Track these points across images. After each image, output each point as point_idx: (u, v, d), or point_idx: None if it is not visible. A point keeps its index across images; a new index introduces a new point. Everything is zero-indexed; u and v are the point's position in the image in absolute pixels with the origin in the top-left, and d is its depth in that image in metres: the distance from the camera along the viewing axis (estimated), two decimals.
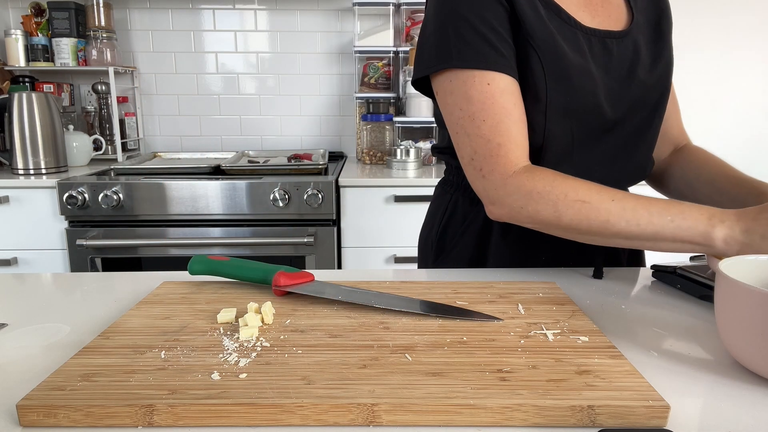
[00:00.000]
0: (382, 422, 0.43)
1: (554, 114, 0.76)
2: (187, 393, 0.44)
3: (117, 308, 0.67)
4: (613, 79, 0.79)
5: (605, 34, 0.79)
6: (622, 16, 0.83)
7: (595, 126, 0.80)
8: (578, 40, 0.77)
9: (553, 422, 0.43)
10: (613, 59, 0.79)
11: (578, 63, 0.76)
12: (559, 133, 0.78)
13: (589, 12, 0.80)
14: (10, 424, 0.43)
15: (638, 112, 0.83)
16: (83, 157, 2.12)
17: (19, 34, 2.13)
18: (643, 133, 0.86)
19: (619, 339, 0.58)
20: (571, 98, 0.76)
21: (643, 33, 0.83)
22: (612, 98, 0.79)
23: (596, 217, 0.68)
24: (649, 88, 0.82)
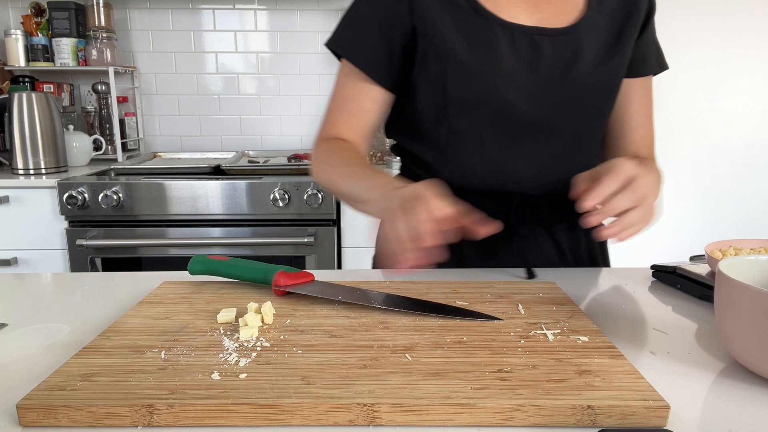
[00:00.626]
0: (382, 422, 0.43)
1: (456, 109, 0.78)
2: (187, 393, 0.44)
3: (117, 308, 0.67)
4: (541, 79, 0.77)
5: (536, 31, 0.77)
6: (573, 14, 0.79)
7: (513, 128, 0.79)
8: (494, 36, 0.76)
9: (553, 422, 0.43)
10: (543, 58, 0.77)
11: (483, 57, 0.75)
12: (464, 129, 0.79)
13: (527, 8, 0.78)
14: (10, 424, 0.43)
15: (574, 114, 0.80)
16: (83, 157, 2.11)
17: (19, 34, 2.13)
18: (583, 138, 0.83)
19: (619, 339, 0.58)
20: (472, 92, 0.77)
21: (598, 33, 0.79)
22: (535, 98, 0.78)
23: (331, 179, 0.78)
24: (588, 90, 0.79)
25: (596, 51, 0.79)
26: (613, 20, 0.80)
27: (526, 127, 0.79)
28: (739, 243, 0.74)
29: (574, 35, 0.78)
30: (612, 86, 0.82)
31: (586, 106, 0.81)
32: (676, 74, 2.33)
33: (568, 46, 0.78)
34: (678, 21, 2.29)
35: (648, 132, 0.88)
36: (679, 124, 2.37)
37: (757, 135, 2.38)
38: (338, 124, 0.83)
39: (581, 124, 0.82)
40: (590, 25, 0.79)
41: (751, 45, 2.31)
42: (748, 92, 2.35)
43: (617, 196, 0.62)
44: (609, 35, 0.80)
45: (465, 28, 0.76)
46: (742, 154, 2.40)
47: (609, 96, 0.83)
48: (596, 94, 0.81)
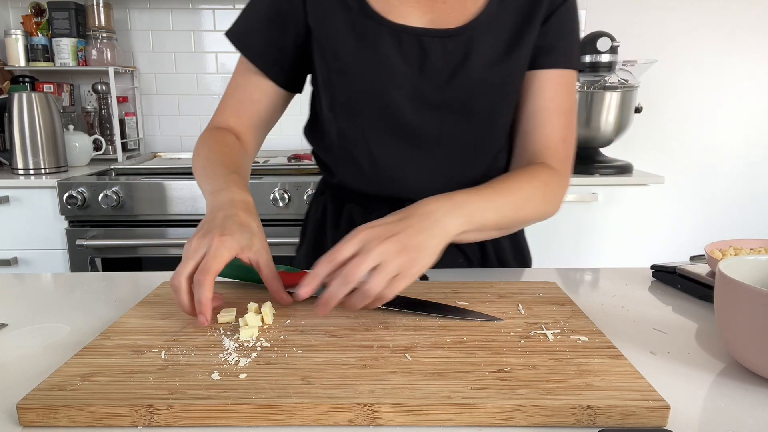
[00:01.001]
0: (382, 422, 0.43)
1: (342, 108, 0.79)
2: (187, 393, 0.44)
3: (117, 308, 0.67)
4: (428, 81, 0.75)
5: (425, 32, 0.74)
6: (470, 13, 0.75)
7: (396, 129, 0.77)
8: (380, 37, 0.74)
9: (553, 422, 0.43)
10: (430, 59, 0.75)
11: (368, 59, 0.75)
12: (350, 130, 0.79)
13: (420, 8, 0.75)
14: (10, 424, 0.43)
15: (464, 118, 0.77)
16: (83, 157, 2.11)
17: (19, 34, 2.13)
18: (477, 144, 0.80)
19: (619, 339, 0.58)
20: (355, 93, 0.77)
21: (495, 31, 0.75)
22: (421, 101, 0.76)
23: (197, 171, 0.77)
24: (479, 92, 0.76)
25: (491, 50, 0.75)
26: (516, 17, 0.76)
27: (413, 131, 0.77)
28: (739, 243, 0.74)
29: (466, 35, 0.74)
30: (507, 87, 0.78)
31: (477, 110, 0.77)
32: (677, 74, 2.33)
33: (459, 48, 0.74)
34: (678, 21, 2.29)
35: (555, 131, 0.79)
36: (679, 124, 2.37)
37: (758, 135, 2.38)
38: (227, 112, 0.83)
39: (472, 129, 0.79)
40: (487, 23, 0.75)
41: (752, 45, 2.31)
42: (748, 92, 2.35)
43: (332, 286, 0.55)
44: (509, 32, 0.76)
45: (353, 29, 0.75)
46: (742, 154, 2.40)
47: (503, 97, 0.78)
48: (489, 96, 0.77)
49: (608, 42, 1.86)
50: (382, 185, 0.82)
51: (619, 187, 1.85)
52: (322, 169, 0.90)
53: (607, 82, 1.86)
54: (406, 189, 0.81)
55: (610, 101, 1.86)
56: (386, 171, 0.80)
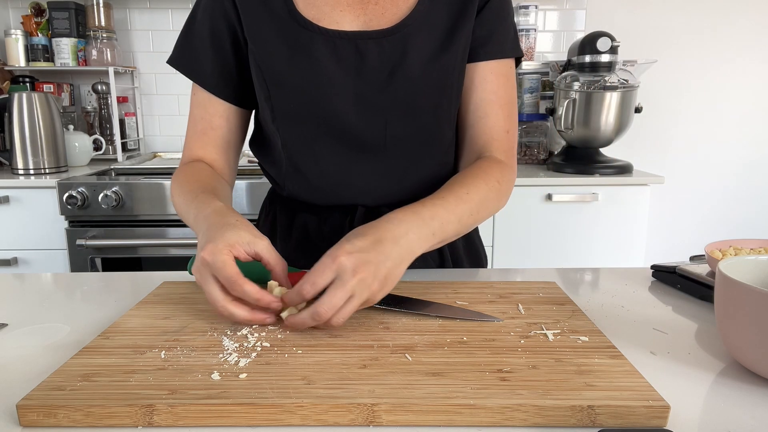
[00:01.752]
0: (382, 422, 0.43)
1: (283, 120, 0.78)
2: (187, 393, 0.44)
3: (117, 308, 0.67)
4: (367, 84, 0.74)
5: (358, 35, 0.74)
6: (401, 11, 0.75)
7: (341, 135, 0.77)
8: (314, 45, 0.74)
9: (553, 422, 0.43)
10: (368, 62, 0.74)
11: (305, 68, 0.74)
12: (293, 140, 0.78)
13: (353, 11, 0.75)
14: (10, 424, 0.43)
15: (407, 117, 0.77)
16: (83, 157, 2.12)
17: (19, 34, 2.13)
18: (423, 143, 0.79)
19: (619, 339, 0.58)
20: (295, 104, 0.76)
21: (429, 27, 0.75)
22: (364, 105, 0.75)
23: (174, 203, 0.75)
24: (419, 90, 0.75)
25: (428, 46, 0.75)
26: (450, 12, 0.76)
27: (358, 136, 0.77)
28: (739, 243, 0.74)
29: (401, 34, 0.74)
30: (447, 82, 0.77)
31: (420, 108, 0.76)
32: (676, 74, 2.33)
33: (395, 47, 0.74)
34: (678, 21, 2.29)
35: (499, 121, 0.79)
36: (679, 124, 2.37)
37: (758, 135, 2.38)
38: (194, 147, 0.82)
39: (417, 127, 0.78)
40: (420, 20, 0.75)
41: (752, 45, 2.31)
42: (748, 92, 2.35)
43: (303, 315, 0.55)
44: (443, 28, 0.75)
45: (286, 39, 0.74)
46: (742, 154, 2.40)
47: (444, 92, 0.77)
48: (430, 93, 0.76)
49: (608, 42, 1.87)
50: (332, 194, 0.81)
51: (619, 187, 1.85)
52: (270, 182, 0.89)
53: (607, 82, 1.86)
54: (356, 195, 0.81)
55: (610, 101, 1.86)
56: (334, 179, 0.80)
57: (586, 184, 1.84)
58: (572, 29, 2.31)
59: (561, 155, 2.03)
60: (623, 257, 1.90)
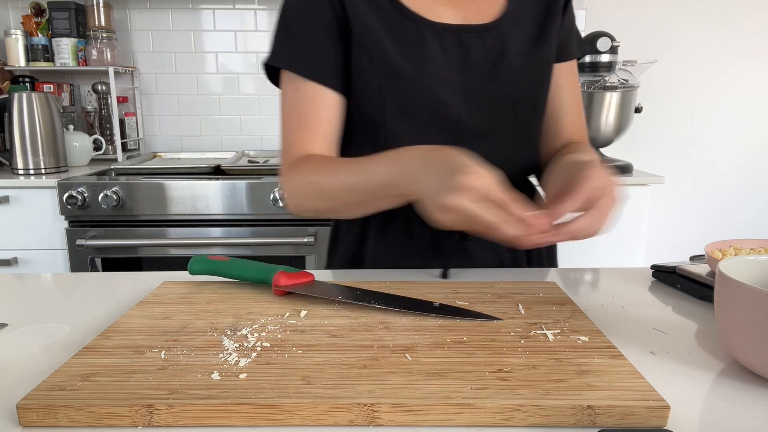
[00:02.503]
0: (382, 422, 0.43)
1: (392, 113, 0.77)
2: (187, 393, 0.44)
3: (117, 308, 0.67)
4: (473, 76, 0.77)
5: (462, 29, 0.77)
6: (496, 8, 0.80)
7: (452, 127, 0.78)
8: (422, 37, 0.75)
9: (553, 422, 0.43)
10: (472, 55, 0.77)
11: (415, 60, 0.75)
12: (402, 135, 0.78)
13: (452, 6, 0.78)
14: (10, 424, 0.43)
15: (510, 108, 0.80)
16: (83, 157, 2.12)
17: (19, 34, 2.13)
18: (522, 133, 0.83)
19: (619, 339, 0.58)
20: (408, 97, 0.76)
21: (522, 25, 0.80)
22: (470, 96, 0.77)
23: (326, 194, 0.73)
24: (518, 84, 0.79)
25: (522, 43, 0.79)
26: (536, 11, 0.81)
27: (464, 126, 0.79)
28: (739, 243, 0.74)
29: (499, 30, 0.78)
30: (542, 76, 0.82)
31: (521, 99, 0.80)
32: (676, 74, 2.33)
33: (495, 42, 0.77)
34: (678, 21, 2.29)
35: (579, 116, 0.89)
36: (679, 124, 2.37)
37: (757, 135, 2.38)
38: (302, 143, 0.78)
39: (518, 119, 0.81)
40: (514, 18, 0.79)
41: (752, 45, 2.31)
42: (748, 92, 2.35)
43: (578, 220, 0.61)
44: (533, 26, 0.80)
45: (393, 31, 0.75)
46: (742, 154, 2.40)
47: (541, 87, 0.82)
48: (528, 86, 0.80)
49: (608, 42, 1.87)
50: None
51: None
52: None
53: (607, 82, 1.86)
54: None
55: (610, 101, 1.86)
56: None
57: None
58: None
59: None
60: (623, 257, 1.90)
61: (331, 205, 0.75)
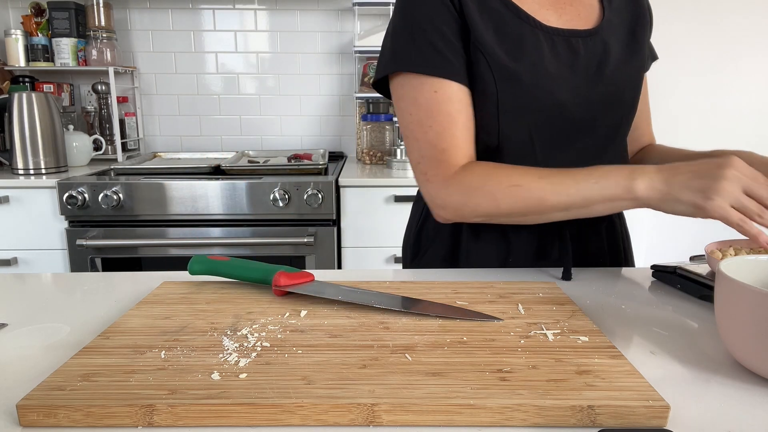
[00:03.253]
0: (382, 422, 0.43)
1: (507, 115, 0.77)
2: (187, 393, 0.44)
3: (117, 308, 0.67)
4: (581, 78, 0.79)
5: (570, 33, 0.79)
6: (593, 14, 0.83)
7: (561, 126, 0.79)
8: (537, 40, 0.77)
9: (553, 422, 0.43)
10: (580, 58, 0.79)
11: (532, 63, 0.76)
12: (515, 134, 0.79)
13: (555, 11, 0.80)
14: (10, 424, 0.43)
15: (611, 111, 0.83)
16: (83, 157, 2.12)
17: (19, 34, 2.13)
18: (615, 132, 0.85)
19: (619, 339, 0.58)
20: (525, 99, 0.77)
21: (616, 32, 0.83)
22: (579, 97, 0.79)
23: (529, 196, 0.72)
24: (620, 86, 0.82)
25: (619, 49, 0.82)
26: (623, 19, 0.84)
27: (574, 126, 0.80)
28: (739, 243, 0.74)
29: (600, 36, 0.81)
30: (639, 81, 0.86)
31: (622, 102, 0.84)
32: (676, 74, 2.33)
33: (597, 46, 0.80)
34: (678, 21, 2.29)
35: (650, 121, 0.98)
36: (679, 124, 2.37)
37: (757, 135, 2.38)
38: (460, 145, 0.76)
39: (617, 120, 0.84)
40: (610, 25, 0.82)
41: (752, 45, 2.31)
42: (748, 92, 2.35)
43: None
44: (624, 34, 0.84)
45: (509, 33, 0.76)
46: None
47: (638, 90, 0.86)
48: (630, 88, 0.84)
49: None
50: None
51: None
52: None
53: None
54: None
55: None
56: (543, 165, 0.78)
57: None
58: None
59: None
60: None
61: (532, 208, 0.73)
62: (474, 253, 0.86)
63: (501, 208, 0.73)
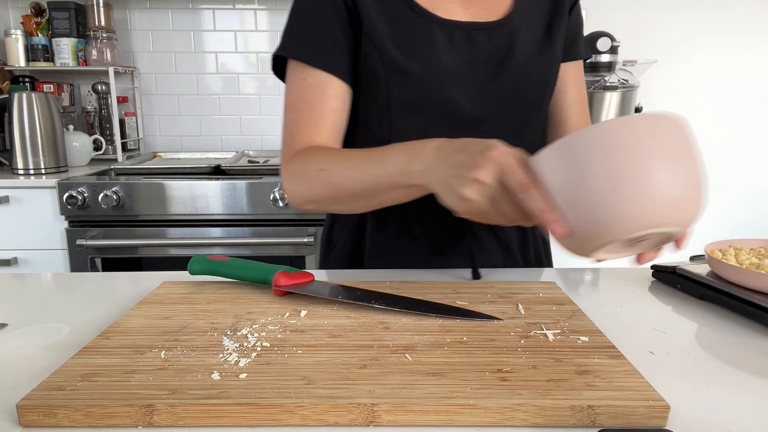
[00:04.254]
0: (382, 422, 0.43)
1: (398, 109, 0.77)
2: (187, 393, 0.44)
3: (117, 308, 0.67)
4: (480, 73, 0.77)
5: (471, 26, 0.77)
6: (504, 6, 0.80)
7: (456, 122, 0.78)
8: (431, 34, 0.75)
9: (553, 422, 0.43)
10: (480, 52, 0.77)
11: (424, 57, 0.75)
12: (407, 128, 0.78)
13: (461, 3, 0.78)
14: (10, 424, 0.43)
15: (514, 107, 0.80)
16: (83, 157, 2.11)
17: (19, 34, 2.13)
18: (524, 130, 0.83)
19: (619, 339, 0.58)
20: (416, 93, 0.76)
21: (530, 24, 0.80)
22: (476, 92, 0.77)
23: (331, 181, 0.69)
24: (526, 82, 0.79)
25: (529, 42, 0.79)
26: (543, 10, 0.81)
27: (470, 122, 0.79)
28: (739, 243, 0.74)
29: (507, 28, 0.78)
30: (548, 75, 0.82)
31: (527, 98, 0.80)
32: (676, 74, 2.33)
33: (502, 39, 0.78)
34: (678, 21, 2.29)
35: (585, 118, 0.89)
36: None
37: (757, 135, 2.38)
38: (308, 132, 0.76)
39: (522, 116, 0.81)
40: (521, 16, 0.79)
41: (752, 45, 2.31)
42: (748, 92, 2.35)
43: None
44: (540, 25, 0.81)
45: (403, 27, 0.76)
46: (742, 154, 2.40)
47: (546, 86, 0.82)
48: (534, 85, 0.80)
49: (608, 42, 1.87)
50: None
51: None
52: None
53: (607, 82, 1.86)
54: None
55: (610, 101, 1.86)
56: None
57: None
58: None
59: None
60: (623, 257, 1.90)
61: (336, 195, 0.71)
62: (379, 248, 0.85)
63: (316, 194, 0.71)
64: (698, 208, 0.48)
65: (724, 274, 0.67)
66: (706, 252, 0.72)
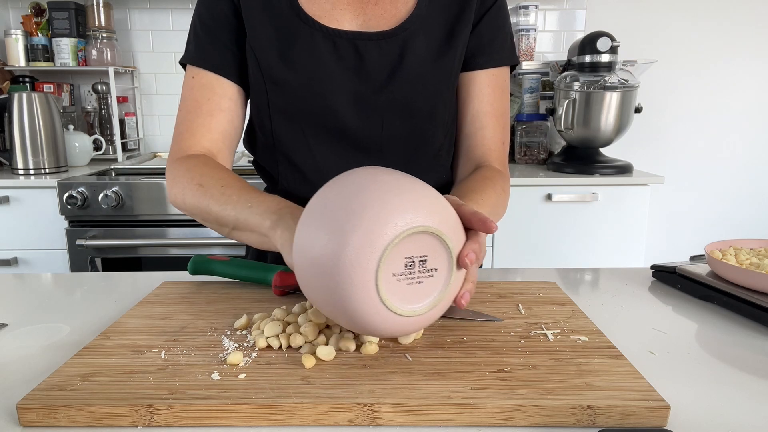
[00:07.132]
0: (382, 422, 0.43)
1: (278, 116, 0.77)
2: (187, 393, 0.44)
3: (117, 308, 0.67)
4: (367, 84, 0.75)
5: (357, 35, 0.74)
6: (401, 14, 0.75)
7: (339, 133, 0.76)
8: (314, 43, 0.74)
9: (553, 422, 0.43)
10: (366, 62, 0.74)
11: (304, 66, 0.74)
12: (288, 136, 0.78)
13: (353, 11, 0.75)
14: (10, 424, 0.43)
15: (405, 119, 0.76)
16: (83, 157, 2.11)
17: (19, 34, 2.13)
18: (419, 145, 0.79)
19: (619, 339, 0.58)
20: (294, 102, 0.75)
21: (428, 31, 0.75)
22: (362, 104, 0.75)
23: (203, 202, 0.68)
24: (417, 92, 0.75)
25: (425, 50, 0.75)
26: (447, 16, 0.76)
27: (355, 135, 0.77)
28: (739, 243, 0.74)
29: (400, 36, 0.74)
30: (443, 85, 0.77)
31: (417, 109, 0.76)
32: (676, 74, 2.33)
33: (394, 49, 0.74)
34: (678, 21, 2.29)
35: (496, 132, 0.80)
36: (679, 124, 2.37)
37: (757, 135, 2.38)
38: (196, 132, 0.76)
39: (413, 129, 0.77)
40: (418, 23, 0.75)
41: (752, 45, 2.31)
42: (748, 92, 2.35)
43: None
44: (441, 32, 0.76)
45: (285, 34, 0.74)
46: (741, 153, 2.39)
47: (440, 96, 0.77)
48: (427, 95, 0.76)
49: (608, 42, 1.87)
50: None
51: (619, 187, 1.85)
52: (263, 178, 0.87)
53: (607, 82, 1.86)
54: None
55: (610, 101, 1.86)
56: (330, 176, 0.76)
57: (586, 184, 1.84)
58: (572, 29, 2.31)
59: (561, 155, 2.03)
60: (623, 257, 1.90)
61: (203, 215, 0.70)
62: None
63: (187, 205, 0.71)
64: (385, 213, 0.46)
65: (724, 274, 0.67)
66: (706, 252, 0.72)
